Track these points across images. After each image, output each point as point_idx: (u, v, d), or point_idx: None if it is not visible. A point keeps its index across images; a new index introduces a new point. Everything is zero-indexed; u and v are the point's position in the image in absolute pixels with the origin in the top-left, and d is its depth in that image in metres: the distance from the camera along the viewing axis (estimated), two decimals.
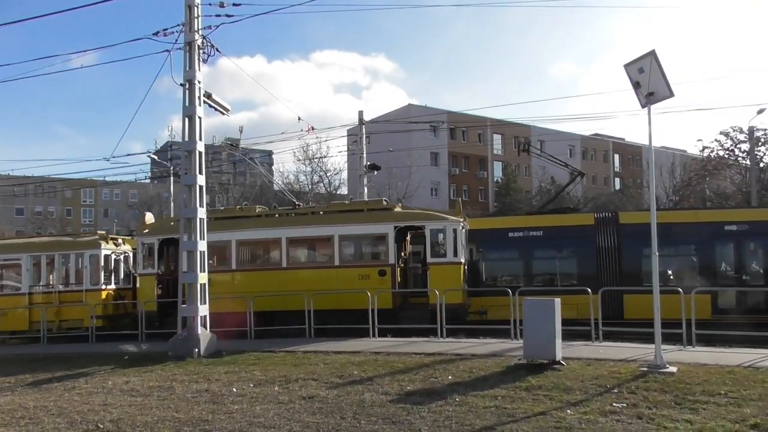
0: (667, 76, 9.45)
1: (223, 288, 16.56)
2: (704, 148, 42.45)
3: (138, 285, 18.10)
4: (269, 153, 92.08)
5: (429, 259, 16.37)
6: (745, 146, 38.71)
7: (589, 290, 13.32)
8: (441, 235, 16.41)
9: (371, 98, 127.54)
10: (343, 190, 57.76)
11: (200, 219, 13.60)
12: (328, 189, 55.19)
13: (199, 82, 13.44)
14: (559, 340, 10.22)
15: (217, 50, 13.61)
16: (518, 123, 64.55)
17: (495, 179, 66.33)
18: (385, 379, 9.69)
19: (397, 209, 17.51)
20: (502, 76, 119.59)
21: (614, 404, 7.81)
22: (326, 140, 52.72)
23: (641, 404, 7.79)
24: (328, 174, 55.86)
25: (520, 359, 10.53)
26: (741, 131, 38.77)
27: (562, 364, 10.17)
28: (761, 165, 40.70)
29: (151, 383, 10.57)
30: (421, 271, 17.05)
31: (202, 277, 13.64)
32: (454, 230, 16.31)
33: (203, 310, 13.54)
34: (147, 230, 18.31)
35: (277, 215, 18.18)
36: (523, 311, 10.52)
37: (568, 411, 7.63)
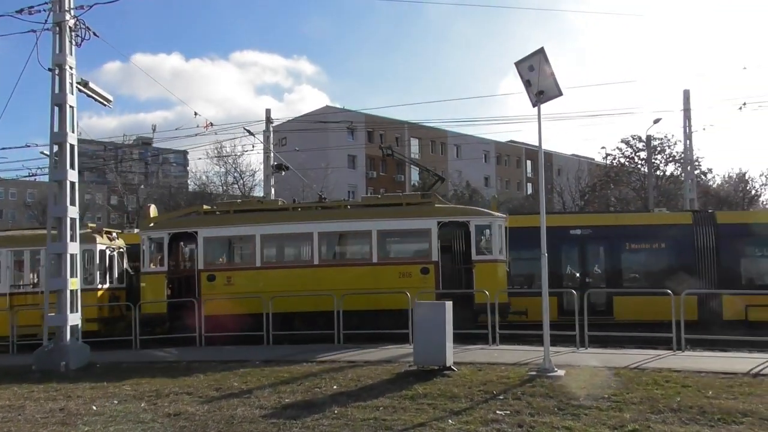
0: (556, 75, 9.31)
1: (247, 287, 15.30)
2: (607, 155, 44.34)
3: (143, 284, 16.21)
4: (184, 153, 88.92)
5: (474, 257, 15.38)
6: (644, 154, 40.71)
7: None
8: (488, 232, 15.67)
9: (293, 101, 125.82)
10: (258, 191, 56.30)
11: (71, 219, 12.32)
12: (243, 190, 53.59)
13: (71, 67, 12.21)
14: (450, 345, 9.89)
15: (94, 34, 12.43)
16: (435, 127, 65.44)
17: (412, 183, 66.67)
18: (265, 391, 8.98)
19: (438, 204, 16.47)
20: (424, 81, 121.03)
21: (497, 412, 7.50)
22: (238, 137, 50.95)
23: (524, 411, 7.51)
24: (243, 175, 54.32)
25: (410, 365, 10.12)
26: (640, 140, 40.76)
27: (453, 370, 9.85)
28: (658, 172, 43.07)
29: (0, 402, 9.35)
30: (464, 269, 15.92)
31: (73, 283, 12.35)
32: (500, 226, 15.51)
33: (73, 319, 12.29)
34: (154, 224, 16.62)
35: (300, 209, 17.03)
36: (413, 314, 10.08)
37: (450, 421, 7.23)
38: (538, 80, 9.45)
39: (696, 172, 43.72)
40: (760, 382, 8.87)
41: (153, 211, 17.51)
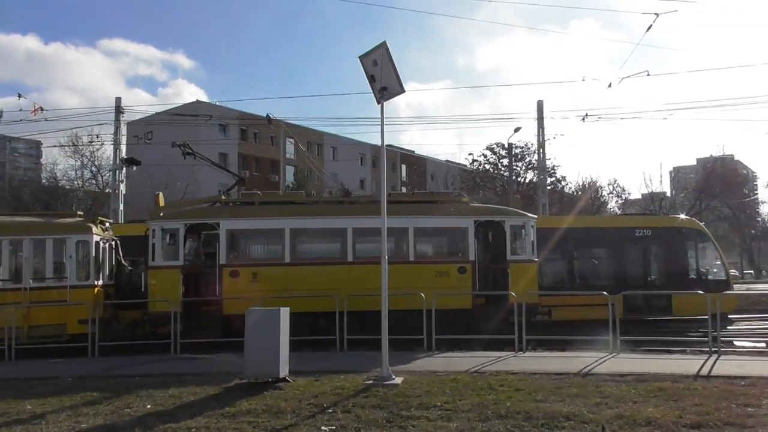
0: (399, 71, 8.96)
1: (274, 285, 14.12)
2: (474, 161, 45.91)
3: (152, 279, 14.49)
4: (37, 144, 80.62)
5: (509, 257, 15.13)
6: (507, 161, 42.57)
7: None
8: (523, 231, 15.40)
9: (169, 95, 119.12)
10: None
11: None
12: (100, 187, 49.45)
13: None
14: (285, 354, 9.22)
15: None
16: (312, 128, 64.63)
17: (287, 183, 65.31)
18: (62, 415, 7.75)
19: (473, 203, 15.95)
20: (306, 81, 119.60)
21: (322, 428, 6.92)
22: (93, 127, 46.78)
23: (351, 425, 6.99)
24: (101, 170, 50.14)
25: (241, 378, 9.31)
26: (503, 147, 42.56)
27: (288, 381, 9.19)
28: (520, 179, 45.28)
29: None
30: (500, 269, 15.31)
31: None
32: (532, 227, 15.41)
33: None
34: (166, 213, 15.00)
35: (323, 203, 16.15)
36: (246, 322, 9.28)
37: None
38: (381, 76, 9.05)
39: (552, 179, 46.64)
40: (587, 383, 9.04)
41: (161, 199, 15.88)
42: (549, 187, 45.37)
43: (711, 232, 22.36)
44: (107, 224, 16.02)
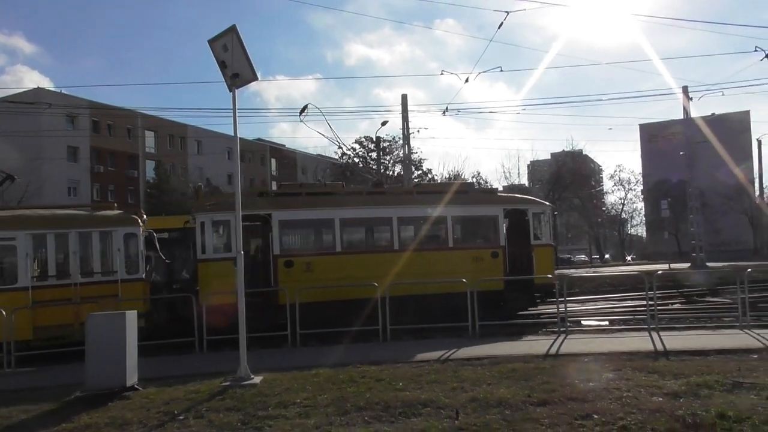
0: (251, 57, 8.56)
1: (327, 274, 14.47)
2: (343, 154, 46.04)
3: (203, 272, 14.23)
4: None
5: (533, 241, 16.41)
6: (375, 154, 43.18)
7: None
8: (542, 218, 16.74)
9: (6, 82, 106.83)
10: None
11: None
12: None
13: None
14: (133, 361, 8.52)
15: None
16: (174, 121, 61.35)
17: (147, 179, 61.49)
18: None
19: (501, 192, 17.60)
20: (167, 72, 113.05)
21: None
22: None
23: (203, 431, 6.58)
24: None
25: (83, 390, 8.46)
26: (371, 140, 43.10)
27: (137, 389, 8.50)
28: (389, 172, 46.15)
29: None
30: (525, 253, 16.39)
31: None
32: (550, 214, 17.06)
33: None
34: (214, 205, 14.76)
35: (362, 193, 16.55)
36: (86, 329, 8.45)
37: None
38: (232, 61, 8.60)
39: (419, 172, 48.06)
40: (445, 368, 9.28)
41: (202, 192, 16.11)
42: (416, 180, 46.75)
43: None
44: (144, 217, 15.25)
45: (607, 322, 16.13)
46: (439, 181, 52.94)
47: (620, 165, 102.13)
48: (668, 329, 12.57)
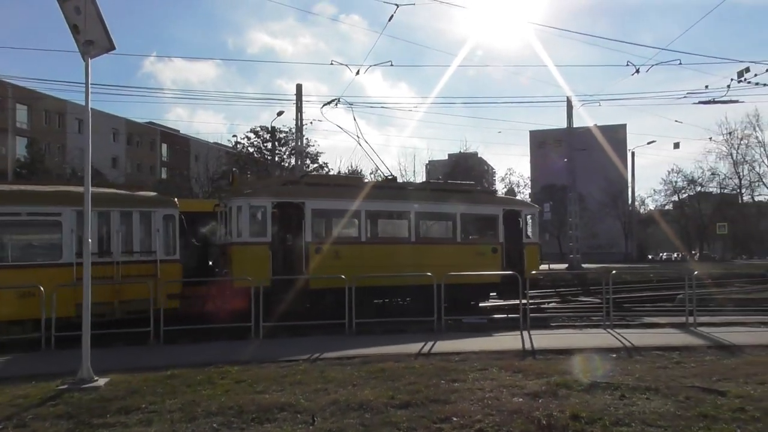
0: (107, 24, 7.69)
1: (352, 261, 14.95)
2: (236, 143, 44.50)
3: (237, 255, 14.65)
4: None
5: (524, 240, 18.13)
6: (271, 145, 42.06)
7: None
8: (533, 219, 18.67)
9: None
10: None
11: None
12: None
13: None
14: None
15: None
16: (53, 96, 56.49)
17: (17, 157, 56.18)
18: None
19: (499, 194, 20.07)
20: (43, 40, 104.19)
21: None
22: None
23: None
24: None
25: None
26: (267, 130, 41.93)
27: None
28: (284, 163, 45.13)
29: None
30: (517, 249, 17.92)
31: None
32: (537, 216, 19.25)
33: None
34: (251, 191, 15.56)
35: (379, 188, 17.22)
36: None
37: None
38: (85, 26, 7.67)
39: (315, 165, 47.46)
40: (313, 368, 8.87)
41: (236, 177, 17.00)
42: (312, 173, 46.11)
43: None
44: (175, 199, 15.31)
45: (485, 320, 16.44)
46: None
47: (511, 168, 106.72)
48: (540, 328, 12.91)
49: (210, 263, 16.91)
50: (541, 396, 7.05)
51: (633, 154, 57.77)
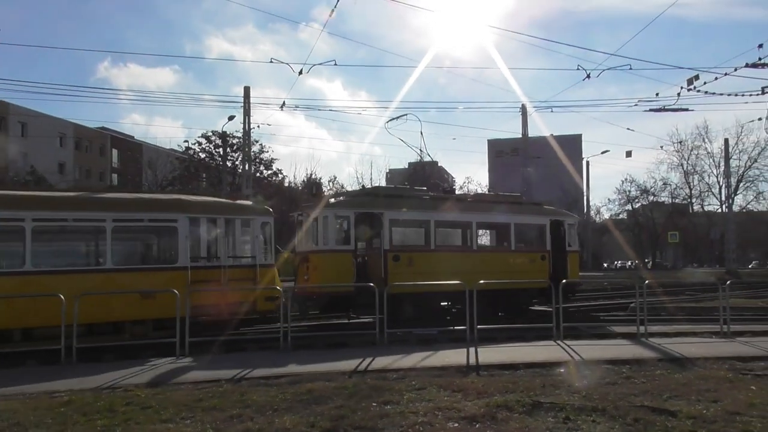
0: None
1: (424, 268, 16.11)
2: (188, 148, 43.09)
3: (321, 262, 15.40)
4: None
5: (567, 248, 19.37)
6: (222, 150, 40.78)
7: None
8: (574, 229, 20.04)
9: None
10: None
11: None
12: None
13: None
14: None
15: None
16: None
17: None
18: None
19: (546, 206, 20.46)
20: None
21: None
22: None
23: None
24: None
25: None
26: (219, 135, 40.66)
27: None
28: (239, 170, 43.86)
29: None
30: (561, 256, 19.16)
31: None
32: (576, 225, 20.70)
33: None
34: (335, 201, 16.63)
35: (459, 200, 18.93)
36: None
37: None
38: None
39: (269, 171, 46.37)
40: (234, 390, 8.00)
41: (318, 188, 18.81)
42: (266, 180, 44.97)
43: None
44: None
45: (437, 332, 15.76)
46: (296, 184, 51.92)
47: (469, 177, 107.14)
48: (488, 341, 12.27)
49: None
50: (478, 420, 6.39)
51: (588, 163, 58.48)
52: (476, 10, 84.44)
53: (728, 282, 14.82)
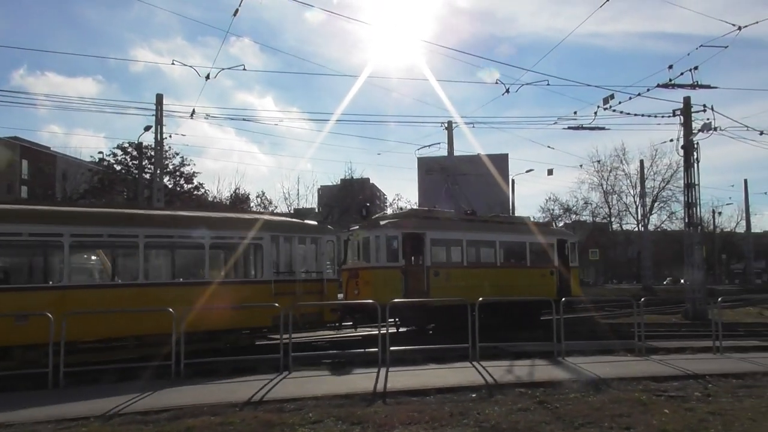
0: None
1: (458, 282, 18.15)
2: (101, 160, 40.76)
3: (373, 278, 17.22)
4: None
5: (570, 264, 21.97)
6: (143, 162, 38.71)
7: None
8: (575, 247, 22.78)
9: None
10: None
11: None
12: None
13: None
14: None
15: None
16: None
17: None
18: None
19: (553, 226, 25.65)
20: None
21: None
22: None
23: None
24: None
25: None
26: (135, 147, 38.64)
27: None
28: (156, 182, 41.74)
29: None
30: (564, 272, 21.56)
31: None
32: (577, 244, 23.46)
33: None
34: (386, 223, 18.22)
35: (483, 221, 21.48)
36: None
37: None
38: None
39: (190, 185, 44.50)
40: (107, 428, 6.96)
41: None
42: (187, 195, 43.11)
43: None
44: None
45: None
46: (221, 199, 50.05)
47: (398, 194, 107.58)
48: (399, 364, 11.56)
49: None
50: None
51: (513, 181, 59.50)
52: (409, 27, 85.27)
53: (642, 299, 14.79)
